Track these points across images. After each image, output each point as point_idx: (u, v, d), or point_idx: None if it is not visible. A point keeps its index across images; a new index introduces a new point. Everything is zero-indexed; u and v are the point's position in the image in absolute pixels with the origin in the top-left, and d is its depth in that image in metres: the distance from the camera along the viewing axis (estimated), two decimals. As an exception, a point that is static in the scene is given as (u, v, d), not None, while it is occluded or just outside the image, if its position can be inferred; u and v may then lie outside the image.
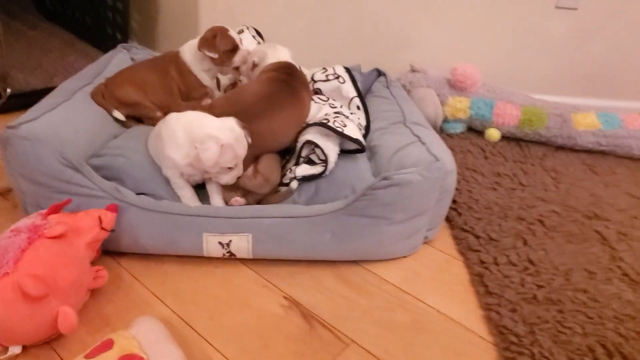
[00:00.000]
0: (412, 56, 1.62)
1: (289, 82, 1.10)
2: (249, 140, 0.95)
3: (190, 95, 1.21)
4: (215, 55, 1.14)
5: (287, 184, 1.02)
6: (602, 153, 1.53)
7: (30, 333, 0.70)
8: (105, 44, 1.64)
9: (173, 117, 0.97)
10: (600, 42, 1.65)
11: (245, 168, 0.98)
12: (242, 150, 0.93)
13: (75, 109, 1.07)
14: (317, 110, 1.15)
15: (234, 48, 1.17)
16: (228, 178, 0.95)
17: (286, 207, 0.97)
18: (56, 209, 0.82)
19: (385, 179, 0.90)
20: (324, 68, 1.27)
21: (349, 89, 1.21)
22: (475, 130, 1.59)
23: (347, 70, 1.25)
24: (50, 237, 0.74)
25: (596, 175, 1.42)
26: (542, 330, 0.84)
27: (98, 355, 0.67)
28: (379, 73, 1.49)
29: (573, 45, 1.65)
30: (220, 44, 1.14)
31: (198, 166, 0.92)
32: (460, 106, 1.53)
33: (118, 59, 1.33)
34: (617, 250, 1.08)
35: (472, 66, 1.51)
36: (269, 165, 1.02)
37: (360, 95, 1.22)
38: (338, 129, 1.07)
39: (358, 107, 1.22)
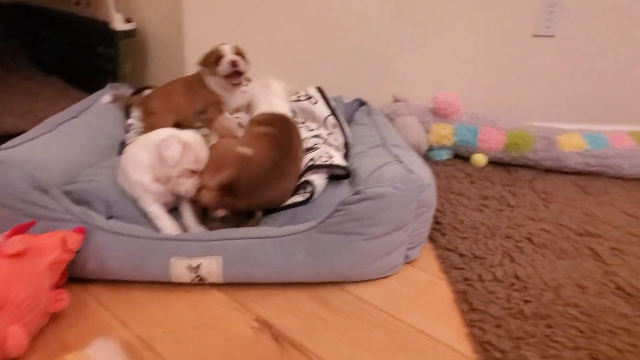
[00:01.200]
0: (395, 87, 1.64)
1: (289, 142, 1.06)
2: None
3: (207, 105, 1.31)
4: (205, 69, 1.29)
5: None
6: (594, 174, 1.50)
7: (-24, 353, 0.67)
8: (97, 91, 1.69)
9: (130, 145, 1.02)
10: (578, 67, 1.67)
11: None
12: (202, 154, 0.97)
13: (56, 140, 1.08)
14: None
15: (218, 58, 1.25)
16: (189, 185, 0.95)
17: (258, 228, 0.95)
18: (20, 230, 0.80)
19: (357, 193, 0.88)
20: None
21: (322, 109, 1.23)
22: (461, 156, 1.58)
23: (319, 89, 1.27)
24: (8, 255, 0.72)
25: (589, 196, 1.38)
26: (529, 345, 0.79)
27: (47, 376, 0.63)
28: (361, 103, 1.51)
29: (552, 71, 1.68)
30: (209, 57, 1.27)
31: (162, 175, 0.92)
32: (444, 133, 1.53)
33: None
34: (611, 265, 1.03)
35: (453, 94, 1.53)
36: None
37: (335, 113, 1.23)
38: (326, 163, 1.07)
39: (334, 125, 1.22)
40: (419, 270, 1.02)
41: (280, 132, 1.07)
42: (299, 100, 1.26)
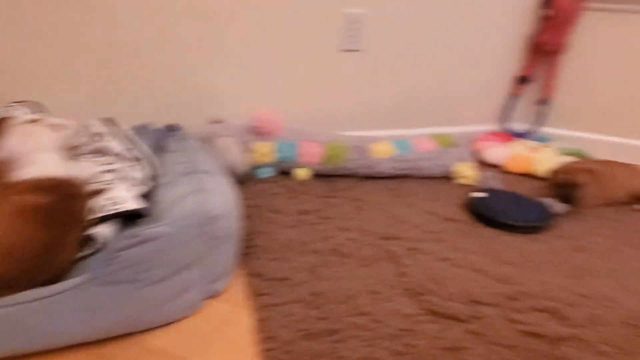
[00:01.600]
0: (212, 110, 1.61)
1: (69, 212, 0.87)
2: None
3: None
4: None
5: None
6: (403, 177, 1.63)
7: None
8: None
9: None
10: (383, 78, 1.81)
11: None
12: None
13: None
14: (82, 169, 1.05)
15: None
16: None
17: (24, 292, 0.83)
18: None
19: (132, 236, 0.82)
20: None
21: (115, 144, 1.14)
22: (286, 172, 1.60)
23: (110, 121, 1.17)
24: None
25: (398, 198, 1.49)
26: (316, 366, 0.80)
27: None
28: (173, 129, 1.45)
29: (360, 83, 1.79)
30: None
31: None
32: (265, 151, 1.53)
33: None
34: (405, 266, 1.11)
35: (270, 111, 1.54)
36: None
37: (133, 144, 1.15)
38: (111, 212, 0.98)
39: (133, 158, 1.14)
40: (222, 304, 0.99)
41: (54, 200, 0.85)
42: (85, 144, 1.14)
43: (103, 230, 0.94)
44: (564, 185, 1.41)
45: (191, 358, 0.83)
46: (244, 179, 1.51)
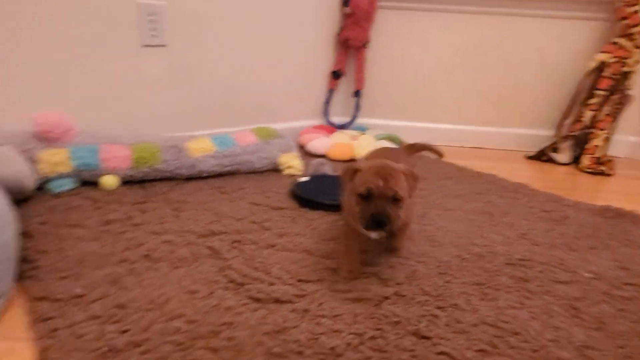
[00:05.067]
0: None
1: None
2: None
3: None
4: None
5: None
6: (230, 174, 1.55)
7: None
8: None
9: None
10: (195, 75, 1.71)
11: None
12: None
13: None
14: None
15: None
16: None
17: None
18: None
19: None
20: None
21: None
22: (90, 182, 1.38)
23: None
24: None
25: (224, 195, 1.40)
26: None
27: None
28: None
29: (168, 80, 1.65)
30: None
31: None
32: (57, 159, 1.29)
33: None
34: (228, 260, 1.02)
35: (57, 112, 1.31)
36: None
37: None
38: None
39: None
40: (-10, 341, 0.76)
41: None
42: None
43: None
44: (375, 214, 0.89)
45: None
46: (31, 195, 1.25)
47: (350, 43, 2.07)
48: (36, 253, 0.99)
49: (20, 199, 1.20)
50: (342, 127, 2.18)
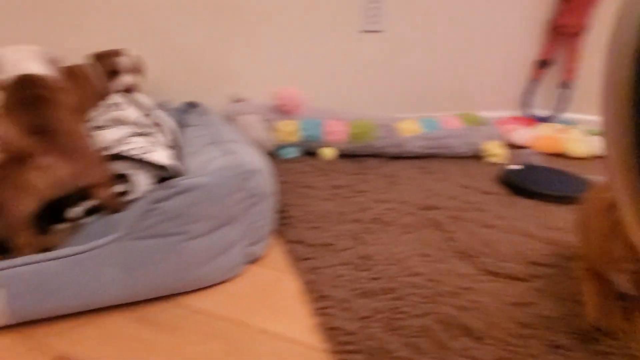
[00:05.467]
0: (233, 89, 1.56)
1: (36, 107, 0.85)
2: None
3: None
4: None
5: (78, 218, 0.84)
6: (432, 156, 1.58)
7: None
8: None
9: None
10: (406, 60, 1.78)
11: None
12: None
13: None
14: (107, 134, 1.00)
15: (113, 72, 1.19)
16: None
17: (53, 252, 0.77)
18: None
19: (169, 187, 0.76)
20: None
21: (131, 112, 1.09)
22: (311, 153, 1.55)
23: (124, 93, 1.12)
24: None
25: (429, 174, 1.44)
26: (376, 321, 0.74)
27: None
28: (192, 106, 1.40)
29: (382, 65, 1.75)
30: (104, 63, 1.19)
31: None
32: (289, 129, 1.48)
33: None
34: (449, 232, 1.05)
35: (293, 89, 1.50)
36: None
37: (149, 112, 1.10)
38: (136, 156, 0.93)
39: (152, 125, 1.09)
40: (264, 269, 0.92)
41: (16, 95, 0.84)
42: (103, 114, 1.10)
43: (136, 176, 0.89)
44: None
45: (237, 321, 0.77)
46: (270, 157, 1.45)
47: (565, 30, 1.92)
48: (285, 205, 1.15)
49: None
50: (544, 120, 2.04)
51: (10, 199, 0.77)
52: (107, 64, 1.17)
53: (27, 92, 0.85)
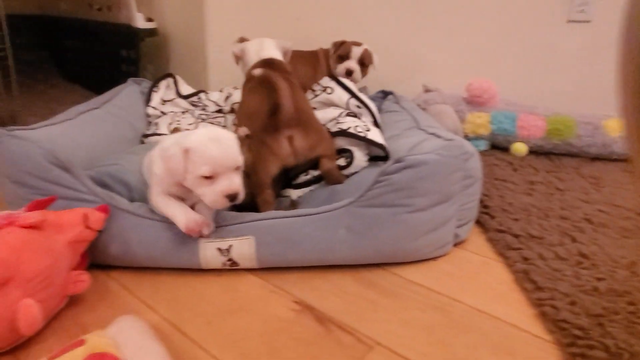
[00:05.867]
0: (424, 79, 1.58)
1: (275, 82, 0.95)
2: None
3: None
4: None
5: (304, 185, 0.94)
6: (644, 160, 1.40)
7: (-15, 330, 0.59)
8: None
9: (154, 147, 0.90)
10: (614, 52, 1.59)
11: None
12: (222, 154, 0.75)
13: (77, 127, 1.04)
14: (324, 113, 1.09)
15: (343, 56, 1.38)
16: (212, 195, 0.76)
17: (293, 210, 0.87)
18: (39, 206, 0.74)
19: (398, 161, 0.80)
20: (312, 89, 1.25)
21: (341, 94, 1.16)
22: (499, 147, 1.49)
23: (333, 78, 1.20)
24: (23, 226, 0.66)
25: (642, 181, 1.27)
26: (613, 322, 0.68)
27: (62, 355, 0.55)
28: (386, 93, 1.45)
29: (588, 58, 1.59)
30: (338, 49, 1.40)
31: (177, 188, 0.81)
32: (480, 122, 1.45)
33: (128, 91, 1.34)
34: (685, 243, 0.92)
35: (488, 80, 1.46)
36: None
37: (355, 95, 1.16)
38: (360, 134, 1.01)
39: (359, 107, 1.15)
40: (469, 252, 0.92)
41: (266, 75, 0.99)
42: (315, 96, 1.20)
43: (356, 151, 0.96)
44: None
45: (452, 296, 0.78)
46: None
47: None
48: (481, 195, 1.13)
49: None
50: None
51: (260, 162, 0.90)
52: (341, 51, 1.34)
53: (272, 73, 0.98)
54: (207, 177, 0.76)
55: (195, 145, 0.75)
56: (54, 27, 2.01)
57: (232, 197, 0.76)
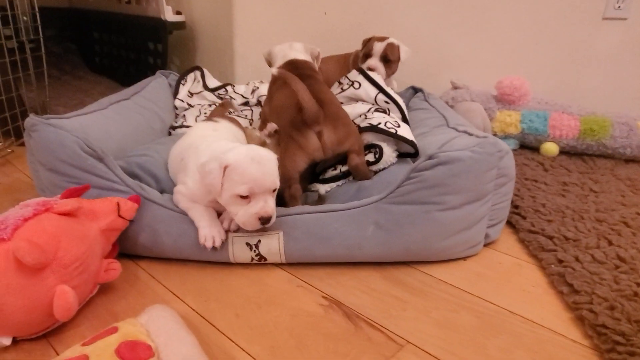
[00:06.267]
0: (452, 75, 1.55)
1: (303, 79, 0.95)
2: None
3: None
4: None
5: (332, 180, 0.94)
6: (682, 164, 1.35)
7: (22, 315, 0.59)
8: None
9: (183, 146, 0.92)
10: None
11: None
12: (261, 175, 0.74)
13: (108, 117, 1.05)
14: (352, 108, 1.08)
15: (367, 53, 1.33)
16: (245, 216, 0.75)
17: (321, 205, 0.86)
18: (73, 194, 0.74)
19: (431, 157, 0.79)
20: (338, 82, 1.23)
21: (369, 89, 1.14)
22: (529, 146, 1.46)
23: (361, 71, 1.18)
24: (60, 212, 0.66)
25: (680, 184, 1.23)
26: (656, 329, 0.65)
27: (96, 341, 0.55)
28: (415, 90, 1.42)
29: (624, 57, 1.54)
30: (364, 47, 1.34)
31: (209, 201, 0.81)
32: (510, 120, 1.41)
33: (156, 83, 1.35)
34: None
35: (519, 78, 1.42)
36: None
37: (383, 91, 1.14)
38: (390, 129, 0.99)
39: (387, 102, 1.13)
40: (500, 253, 0.90)
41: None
42: (342, 91, 1.18)
43: (385, 147, 0.95)
44: None
45: (483, 297, 0.76)
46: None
47: None
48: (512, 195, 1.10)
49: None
50: None
51: (289, 156, 0.89)
52: (365, 49, 1.29)
53: (295, 72, 0.97)
54: (242, 197, 0.75)
55: (235, 163, 0.74)
56: (81, 19, 2.04)
57: (265, 220, 0.76)
